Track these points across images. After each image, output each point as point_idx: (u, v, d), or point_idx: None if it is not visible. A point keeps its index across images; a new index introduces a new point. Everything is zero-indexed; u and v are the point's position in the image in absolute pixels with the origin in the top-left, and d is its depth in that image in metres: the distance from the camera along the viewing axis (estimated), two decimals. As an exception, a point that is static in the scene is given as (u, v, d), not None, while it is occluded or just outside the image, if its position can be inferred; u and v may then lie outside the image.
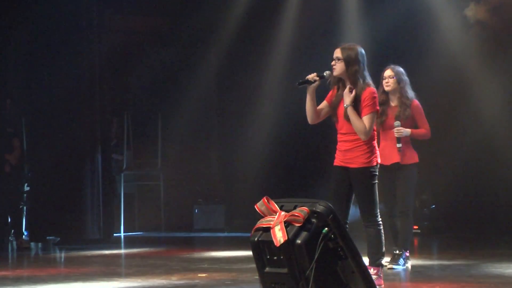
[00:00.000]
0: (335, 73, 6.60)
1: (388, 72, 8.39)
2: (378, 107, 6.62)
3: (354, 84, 6.57)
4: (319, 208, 4.90)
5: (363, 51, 6.64)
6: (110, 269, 8.97)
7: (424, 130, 8.47)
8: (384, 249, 6.76)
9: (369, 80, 6.63)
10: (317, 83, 6.53)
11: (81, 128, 12.73)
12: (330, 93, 6.77)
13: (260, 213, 5.10)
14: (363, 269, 4.92)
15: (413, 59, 11.88)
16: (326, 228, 4.84)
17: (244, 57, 14.11)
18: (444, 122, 11.99)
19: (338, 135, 6.71)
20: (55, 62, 12.54)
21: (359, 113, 6.53)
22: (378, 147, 6.87)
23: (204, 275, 8.13)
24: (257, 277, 5.33)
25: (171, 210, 14.69)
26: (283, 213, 4.98)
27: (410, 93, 8.42)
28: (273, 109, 13.86)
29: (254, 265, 5.09)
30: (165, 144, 14.76)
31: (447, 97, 12.38)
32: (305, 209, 4.90)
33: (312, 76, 6.52)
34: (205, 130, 15.07)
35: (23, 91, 12.73)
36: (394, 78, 8.35)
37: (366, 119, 6.51)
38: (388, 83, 8.36)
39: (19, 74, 12.76)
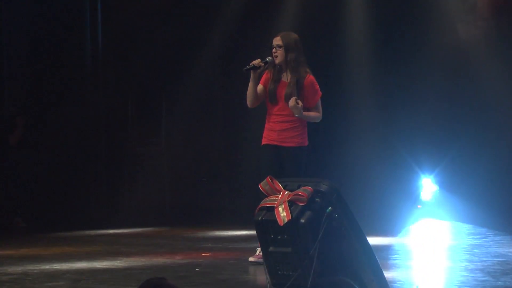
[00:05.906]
0: (277, 60, 6.86)
1: None
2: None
3: (294, 71, 6.79)
4: (323, 187, 4.89)
5: (299, 38, 6.89)
6: (114, 248, 8.98)
7: None
8: None
9: (306, 66, 6.88)
10: (261, 68, 6.82)
11: (85, 108, 12.74)
12: (265, 76, 6.97)
13: (264, 192, 5.10)
14: (367, 248, 4.92)
15: (416, 43, 11.85)
16: (330, 208, 4.84)
17: (248, 36, 14.06)
18: (448, 102, 11.95)
19: (273, 116, 6.89)
20: (59, 43, 12.53)
21: (302, 99, 6.73)
22: None
23: (207, 254, 8.15)
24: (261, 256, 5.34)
25: (175, 189, 14.68)
26: (287, 192, 4.98)
27: None
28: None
29: (257, 245, 5.09)
30: (169, 123, 14.75)
31: (450, 80, 12.33)
32: (309, 188, 4.90)
33: (257, 62, 6.81)
34: (209, 110, 15.04)
35: (27, 72, 12.72)
36: None
37: (317, 107, 6.91)
38: None
39: (23, 54, 12.74)
